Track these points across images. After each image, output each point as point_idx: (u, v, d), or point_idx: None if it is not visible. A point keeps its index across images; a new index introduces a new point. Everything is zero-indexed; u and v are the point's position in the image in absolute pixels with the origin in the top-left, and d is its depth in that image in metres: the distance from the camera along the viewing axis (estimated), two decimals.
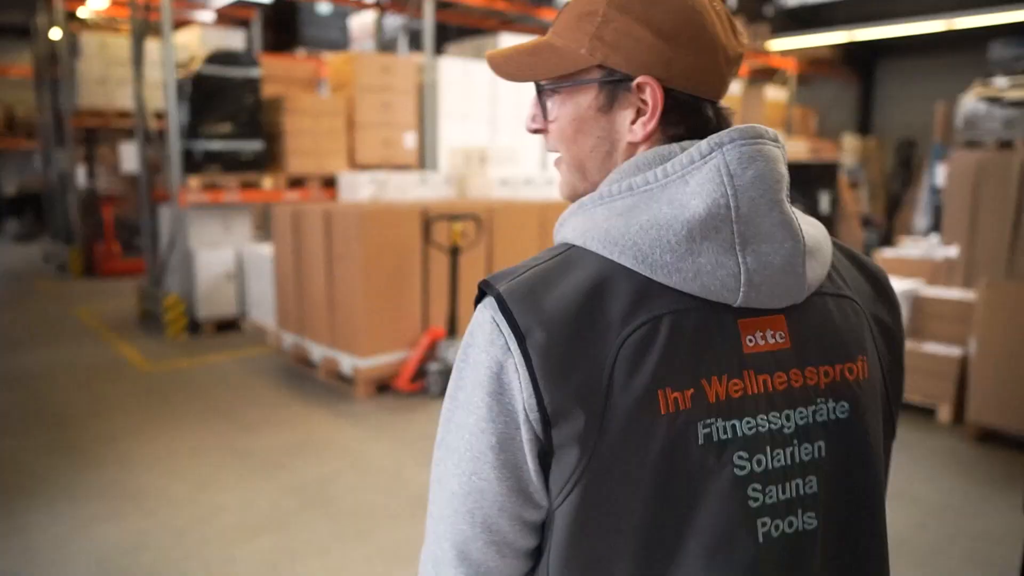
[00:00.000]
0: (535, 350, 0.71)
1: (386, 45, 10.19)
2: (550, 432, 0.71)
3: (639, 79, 0.79)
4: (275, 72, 7.71)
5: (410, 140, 7.69)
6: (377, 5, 8.96)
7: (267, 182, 6.98)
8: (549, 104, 0.86)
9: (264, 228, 8.23)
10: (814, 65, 13.31)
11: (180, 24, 10.83)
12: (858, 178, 13.91)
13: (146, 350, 6.16)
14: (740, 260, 0.72)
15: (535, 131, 0.90)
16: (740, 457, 0.73)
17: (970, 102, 7.90)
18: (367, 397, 4.93)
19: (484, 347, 0.74)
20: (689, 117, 0.81)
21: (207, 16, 12.38)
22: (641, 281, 0.73)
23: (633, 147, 0.82)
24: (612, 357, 0.70)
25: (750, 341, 0.75)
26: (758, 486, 0.73)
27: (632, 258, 0.73)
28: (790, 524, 0.75)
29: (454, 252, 4.98)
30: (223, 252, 6.89)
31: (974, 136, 7.83)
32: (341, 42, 12.76)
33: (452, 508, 0.77)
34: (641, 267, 0.72)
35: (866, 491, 0.81)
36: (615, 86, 0.81)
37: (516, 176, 7.19)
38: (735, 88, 12.00)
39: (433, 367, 4.88)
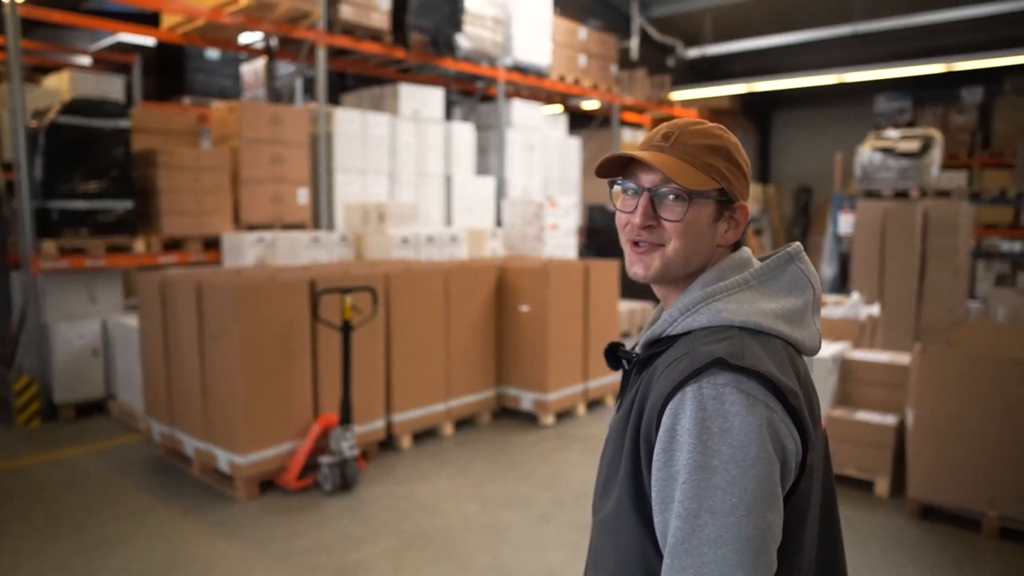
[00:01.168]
0: (796, 403, 1.04)
1: (281, 94, 9.60)
2: (804, 459, 1.05)
3: (739, 203, 1.19)
4: (151, 123, 6.99)
5: (303, 196, 7.08)
6: (266, 52, 8.39)
7: (139, 245, 6.21)
8: (674, 207, 1.13)
9: (137, 296, 7.39)
10: (715, 115, 13.55)
11: (51, 68, 9.93)
12: (761, 225, 14.15)
13: None
14: (817, 326, 1.21)
15: (646, 226, 1.14)
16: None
17: (866, 152, 8.01)
18: (248, 498, 4.25)
19: (745, 411, 0.99)
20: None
21: (85, 60, 11.46)
22: (789, 345, 1.14)
23: (720, 249, 1.19)
24: (804, 396, 1.08)
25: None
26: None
27: (790, 333, 1.13)
28: None
29: (346, 329, 4.41)
30: (87, 324, 6.05)
31: (871, 186, 7.92)
32: (233, 90, 12.01)
33: (753, 550, 0.95)
34: (793, 337, 1.13)
35: None
36: (724, 205, 1.17)
37: (418, 234, 6.69)
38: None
39: (325, 460, 4.25)
